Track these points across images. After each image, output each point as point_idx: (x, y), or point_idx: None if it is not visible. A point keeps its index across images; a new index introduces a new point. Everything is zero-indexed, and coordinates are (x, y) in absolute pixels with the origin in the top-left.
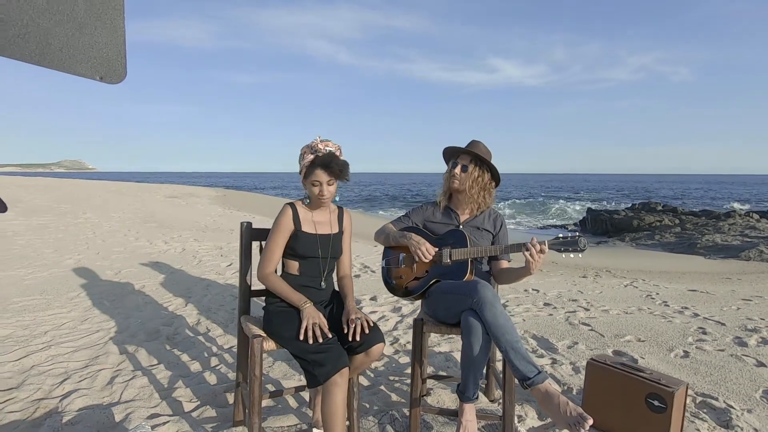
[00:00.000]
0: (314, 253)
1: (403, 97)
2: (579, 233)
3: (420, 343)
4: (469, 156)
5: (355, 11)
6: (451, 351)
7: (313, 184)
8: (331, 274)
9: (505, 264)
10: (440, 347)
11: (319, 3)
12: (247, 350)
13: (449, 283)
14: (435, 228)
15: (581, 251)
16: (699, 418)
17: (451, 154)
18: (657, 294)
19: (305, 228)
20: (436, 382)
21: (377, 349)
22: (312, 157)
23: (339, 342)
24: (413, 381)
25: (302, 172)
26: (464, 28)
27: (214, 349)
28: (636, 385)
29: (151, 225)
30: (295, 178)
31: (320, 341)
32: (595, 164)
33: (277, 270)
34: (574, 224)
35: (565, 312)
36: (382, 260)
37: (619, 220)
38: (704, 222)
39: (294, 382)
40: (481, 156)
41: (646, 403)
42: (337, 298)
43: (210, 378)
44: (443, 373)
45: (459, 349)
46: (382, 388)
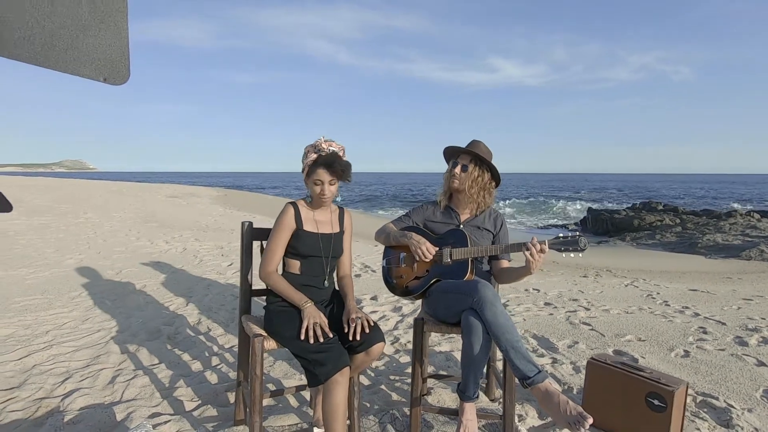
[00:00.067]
0: (316, 252)
1: (403, 97)
2: (579, 233)
3: (420, 342)
4: (470, 156)
5: (355, 11)
6: (452, 350)
7: (315, 183)
8: (333, 274)
9: (505, 263)
10: (441, 347)
11: (319, 3)
12: (248, 349)
13: (450, 282)
14: (435, 227)
15: (581, 251)
16: (699, 418)
17: (451, 154)
18: (658, 293)
19: (307, 227)
20: (436, 381)
21: (377, 348)
22: (315, 156)
23: (339, 341)
24: (414, 380)
25: (305, 171)
26: (464, 28)
27: (215, 348)
28: (636, 385)
29: (152, 225)
30: (295, 178)
31: (321, 341)
32: (596, 164)
33: (278, 269)
34: (575, 224)
35: (566, 311)
36: (383, 260)
37: (620, 219)
38: (705, 221)
39: (295, 382)
40: (481, 156)
41: (646, 403)
42: (338, 297)
43: (211, 377)
44: (444, 373)
45: (459, 349)
46: (383, 387)
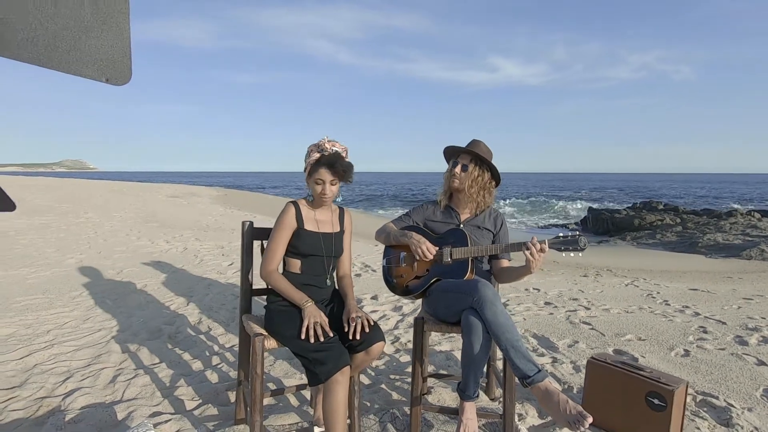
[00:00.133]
0: (317, 252)
1: (403, 97)
2: (579, 232)
3: (421, 341)
4: (470, 155)
5: (356, 11)
6: (452, 350)
7: (317, 183)
8: (334, 273)
9: (505, 263)
10: (441, 346)
11: (319, 3)
12: (249, 349)
13: (450, 281)
14: (435, 227)
15: (581, 250)
16: (699, 417)
17: (451, 154)
18: (658, 293)
19: (308, 226)
20: (436, 380)
21: (378, 347)
22: (318, 155)
23: (340, 341)
24: (414, 379)
25: (307, 170)
26: (465, 28)
27: (216, 347)
28: (636, 384)
29: (152, 224)
30: (295, 177)
31: (321, 340)
32: (596, 163)
33: (278, 268)
34: (576, 223)
35: (566, 311)
36: (383, 259)
37: (621, 219)
38: (705, 221)
39: (295, 381)
40: (482, 156)
41: (646, 402)
42: (338, 297)
43: (211, 376)
44: (444, 372)
45: (459, 348)
46: (383, 386)
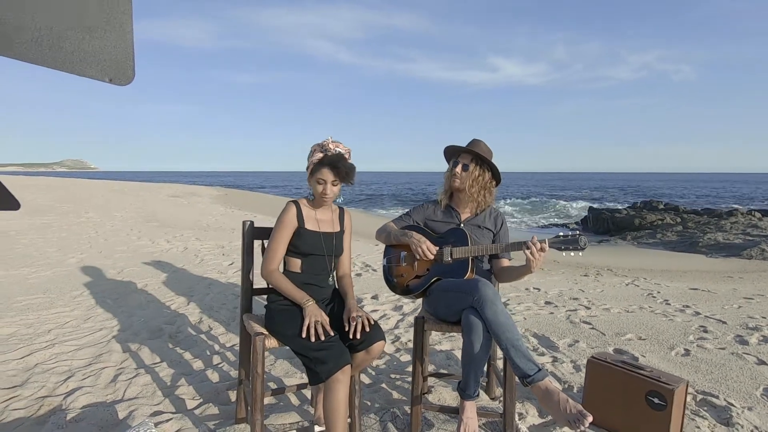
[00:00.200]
0: (317, 251)
1: (403, 97)
2: (579, 232)
3: (421, 341)
4: (470, 155)
5: (356, 11)
6: (452, 349)
7: (318, 182)
8: (334, 272)
9: (505, 262)
10: (441, 345)
11: (319, 2)
12: (249, 348)
13: (450, 281)
14: (436, 226)
15: (581, 250)
16: (699, 416)
17: (452, 153)
18: (658, 292)
19: (308, 225)
20: (437, 379)
21: (378, 346)
22: (321, 155)
23: (340, 340)
24: (414, 379)
25: (309, 169)
26: (465, 27)
27: (217, 347)
28: (636, 383)
29: (153, 224)
30: (295, 177)
31: (322, 339)
32: (597, 163)
33: (279, 268)
34: (576, 223)
35: (566, 310)
36: (384, 258)
37: (621, 218)
38: (706, 220)
39: (296, 380)
40: (482, 155)
41: (646, 401)
42: (339, 296)
43: (212, 376)
44: (444, 371)
45: (460, 347)
46: (384, 385)
